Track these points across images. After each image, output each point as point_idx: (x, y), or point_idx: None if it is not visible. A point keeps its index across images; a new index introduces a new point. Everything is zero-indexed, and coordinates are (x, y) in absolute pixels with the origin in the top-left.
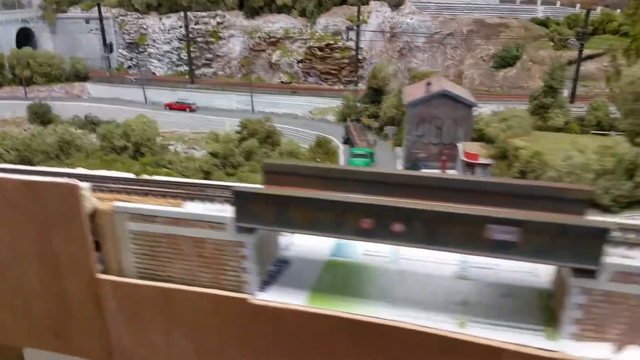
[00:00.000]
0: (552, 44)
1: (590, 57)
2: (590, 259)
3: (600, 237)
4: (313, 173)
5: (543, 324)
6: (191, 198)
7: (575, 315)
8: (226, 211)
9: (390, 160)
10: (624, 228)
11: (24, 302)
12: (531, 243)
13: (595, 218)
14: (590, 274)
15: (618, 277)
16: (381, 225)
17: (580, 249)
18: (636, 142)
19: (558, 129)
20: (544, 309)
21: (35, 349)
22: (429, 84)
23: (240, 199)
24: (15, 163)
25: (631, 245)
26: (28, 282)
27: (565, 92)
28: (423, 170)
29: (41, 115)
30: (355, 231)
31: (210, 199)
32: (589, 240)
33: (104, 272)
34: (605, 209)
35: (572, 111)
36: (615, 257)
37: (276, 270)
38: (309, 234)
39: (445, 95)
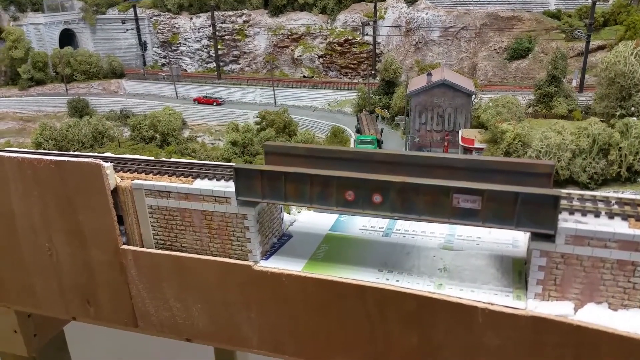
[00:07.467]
0: (563, 35)
1: (602, 48)
2: (545, 224)
3: (552, 203)
4: (305, 153)
5: (514, 286)
6: (200, 176)
7: (538, 276)
8: (230, 187)
9: (399, 147)
10: (581, 198)
11: (56, 273)
12: (492, 210)
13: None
14: (548, 238)
15: (572, 240)
16: (362, 197)
17: (536, 214)
18: (610, 124)
19: (562, 117)
20: (518, 275)
21: (74, 328)
22: (429, 74)
23: (239, 176)
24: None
25: (585, 212)
26: (60, 254)
27: (574, 82)
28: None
29: (80, 110)
30: (341, 202)
31: (218, 177)
32: (543, 206)
33: (127, 243)
34: (584, 186)
35: (579, 100)
36: (570, 222)
37: (279, 243)
38: (300, 206)
39: (444, 85)
